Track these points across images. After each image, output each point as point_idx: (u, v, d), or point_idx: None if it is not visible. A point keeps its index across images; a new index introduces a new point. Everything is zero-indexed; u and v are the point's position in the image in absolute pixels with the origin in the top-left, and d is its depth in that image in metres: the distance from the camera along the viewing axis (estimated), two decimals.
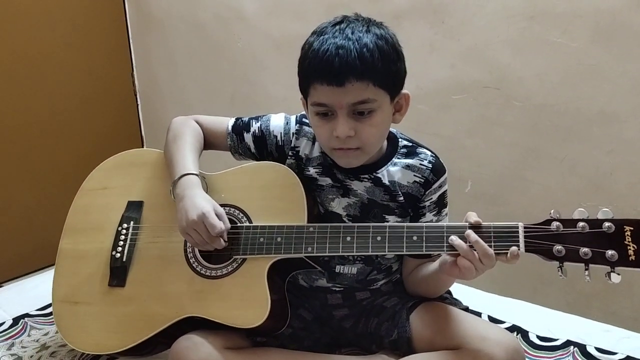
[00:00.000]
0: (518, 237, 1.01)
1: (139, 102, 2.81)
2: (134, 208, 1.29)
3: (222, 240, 1.13)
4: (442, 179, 1.21)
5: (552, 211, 1.01)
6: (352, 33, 1.04)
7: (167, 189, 1.23)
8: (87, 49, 2.58)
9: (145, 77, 2.77)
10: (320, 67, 1.04)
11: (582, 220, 0.98)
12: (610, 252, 0.95)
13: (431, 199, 1.20)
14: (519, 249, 1.00)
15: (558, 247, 0.98)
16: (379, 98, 1.07)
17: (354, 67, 1.02)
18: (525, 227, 1.01)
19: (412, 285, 1.25)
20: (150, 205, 1.29)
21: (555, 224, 1.00)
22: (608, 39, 1.58)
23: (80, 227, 1.32)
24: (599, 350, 1.26)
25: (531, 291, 1.82)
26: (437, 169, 1.20)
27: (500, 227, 1.02)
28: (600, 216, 0.98)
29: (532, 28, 1.69)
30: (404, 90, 1.13)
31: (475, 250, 1.00)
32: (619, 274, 0.95)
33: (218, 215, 1.12)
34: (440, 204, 1.22)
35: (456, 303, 1.25)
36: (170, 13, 2.58)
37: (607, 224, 0.96)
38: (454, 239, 1.02)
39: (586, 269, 0.97)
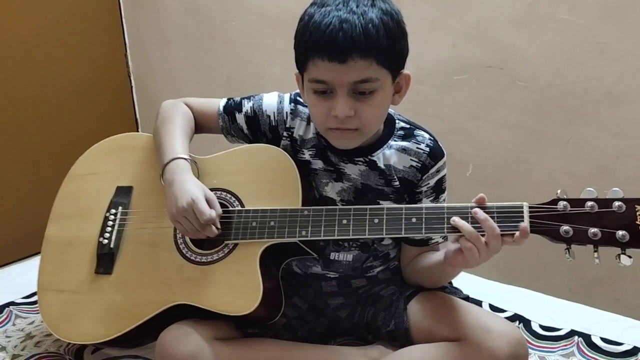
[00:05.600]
0: (523, 217, 0.97)
1: (133, 84, 2.77)
2: (123, 193, 1.25)
3: (214, 228, 1.08)
4: (440, 164, 1.16)
5: (558, 191, 0.97)
6: (357, 6, 0.99)
7: (157, 174, 1.19)
8: (79, 30, 2.53)
9: (139, 58, 2.73)
10: (321, 41, 0.98)
11: (591, 199, 0.94)
12: (620, 233, 0.92)
13: (428, 184, 1.16)
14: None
15: (565, 227, 0.94)
16: (381, 77, 1.02)
17: (359, 43, 0.97)
18: (530, 207, 0.97)
19: (411, 275, 1.21)
20: (140, 191, 1.25)
21: (562, 203, 0.96)
22: (617, 16, 1.53)
23: (68, 214, 1.29)
24: (604, 340, 1.23)
25: (532, 278, 1.79)
26: (435, 153, 1.15)
27: (505, 207, 0.99)
28: (610, 195, 0.94)
29: (537, 4, 1.64)
30: (405, 71, 1.08)
31: (482, 230, 0.96)
32: (630, 256, 0.92)
33: (208, 201, 1.08)
34: (438, 189, 1.17)
35: (456, 292, 1.21)
36: None
37: (617, 203, 0.93)
38: (457, 220, 0.98)
39: (595, 251, 0.94)
